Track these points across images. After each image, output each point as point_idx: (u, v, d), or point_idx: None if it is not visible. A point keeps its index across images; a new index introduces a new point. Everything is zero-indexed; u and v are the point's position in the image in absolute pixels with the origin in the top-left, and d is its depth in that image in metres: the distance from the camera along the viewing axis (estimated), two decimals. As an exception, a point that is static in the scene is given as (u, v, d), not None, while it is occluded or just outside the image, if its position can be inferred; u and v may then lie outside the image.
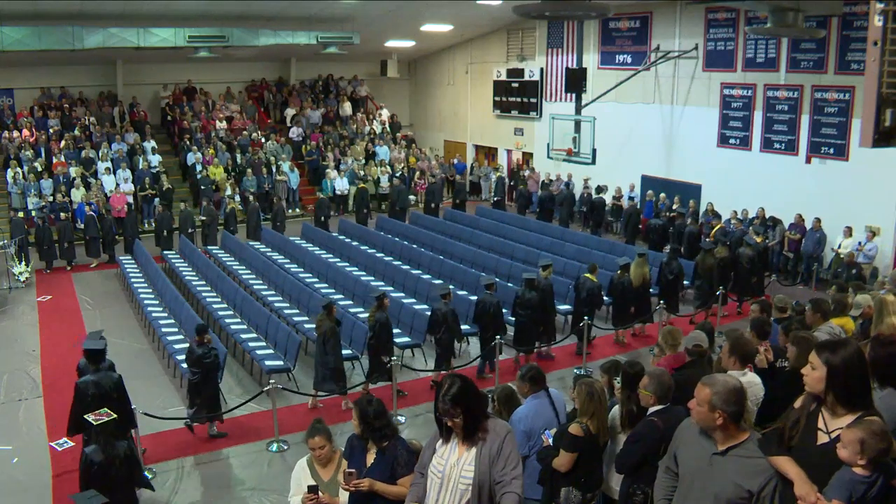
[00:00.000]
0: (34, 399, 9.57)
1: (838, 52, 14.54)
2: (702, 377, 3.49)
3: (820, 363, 3.05)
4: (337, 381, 9.17)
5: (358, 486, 3.95)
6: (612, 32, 19.40)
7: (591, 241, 16.54)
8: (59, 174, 18.25)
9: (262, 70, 24.20)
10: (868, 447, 2.75)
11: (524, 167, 22.25)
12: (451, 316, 9.82)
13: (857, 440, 2.77)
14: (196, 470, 7.96)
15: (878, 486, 2.77)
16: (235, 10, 17.53)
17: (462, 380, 3.53)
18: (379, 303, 9.46)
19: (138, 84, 22.28)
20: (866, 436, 2.76)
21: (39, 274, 15.46)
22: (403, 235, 17.32)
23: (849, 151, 14.53)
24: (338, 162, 21.87)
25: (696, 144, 17.63)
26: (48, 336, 11.93)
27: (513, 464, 3.46)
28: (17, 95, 20.88)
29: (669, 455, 3.55)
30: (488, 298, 10.34)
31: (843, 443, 2.85)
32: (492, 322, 10.26)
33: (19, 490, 7.42)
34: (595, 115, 17.18)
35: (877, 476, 2.77)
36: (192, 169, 20.08)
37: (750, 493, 3.10)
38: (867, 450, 2.75)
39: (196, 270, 14.47)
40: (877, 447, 2.74)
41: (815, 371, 3.08)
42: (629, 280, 11.60)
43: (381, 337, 9.38)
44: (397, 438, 4.21)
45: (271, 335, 10.55)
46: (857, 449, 2.77)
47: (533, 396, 5.31)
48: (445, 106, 25.84)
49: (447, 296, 10.05)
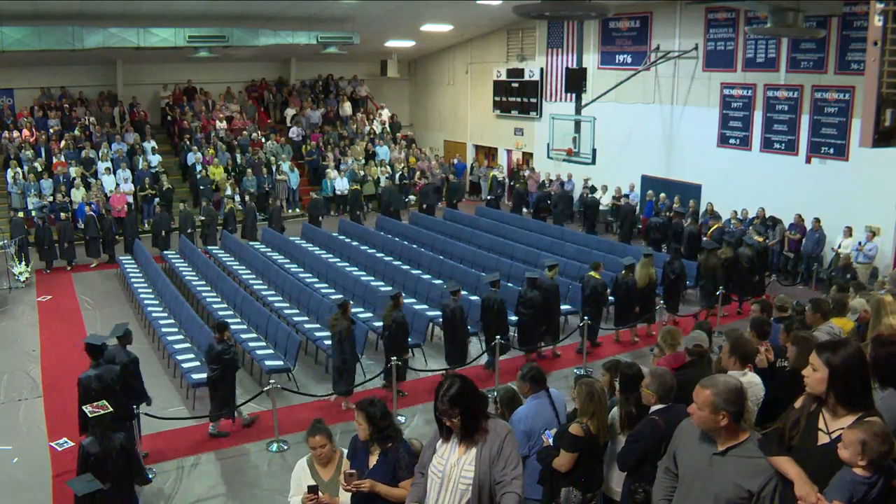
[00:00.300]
0: (34, 399, 9.57)
1: (838, 52, 14.54)
2: (701, 377, 3.49)
3: (821, 364, 3.04)
4: (348, 380, 9.24)
5: (359, 487, 3.95)
6: (612, 32, 19.40)
7: (591, 241, 16.54)
8: (59, 174, 18.24)
9: (262, 70, 24.20)
10: (869, 448, 2.75)
11: (524, 167, 22.25)
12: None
13: (858, 441, 2.77)
14: (196, 470, 7.96)
15: (879, 487, 2.77)
16: (235, 10, 17.53)
17: (462, 380, 3.52)
18: (395, 302, 9.62)
19: (138, 84, 22.28)
20: (868, 437, 2.75)
21: (39, 274, 15.46)
22: (403, 235, 17.33)
23: (849, 151, 14.54)
24: (338, 162, 21.87)
25: (696, 144, 17.63)
26: (48, 336, 11.93)
27: (513, 464, 3.46)
28: (17, 95, 20.87)
29: (669, 455, 3.54)
30: (492, 296, 10.42)
31: (844, 443, 2.84)
32: (495, 319, 10.32)
33: (19, 490, 7.42)
34: (595, 115, 17.18)
35: (877, 477, 2.77)
36: (192, 169, 20.08)
37: (750, 493, 3.09)
38: (868, 451, 2.75)
39: (196, 270, 14.46)
40: (878, 449, 2.74)
41: (817, 372, 3.07)
42: (633, 280, 11.58)
43: (397, 336, 9.49)
44: (400, 441, 4.20)
45: (271, 335, 10.55)
46: (858, 450, 2.77)
47: (533, 396, 5.32)
48: (445, 106, 25.84)
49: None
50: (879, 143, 5.52)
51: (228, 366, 8.45)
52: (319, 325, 11.24)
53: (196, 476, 7.84)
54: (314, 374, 10.51)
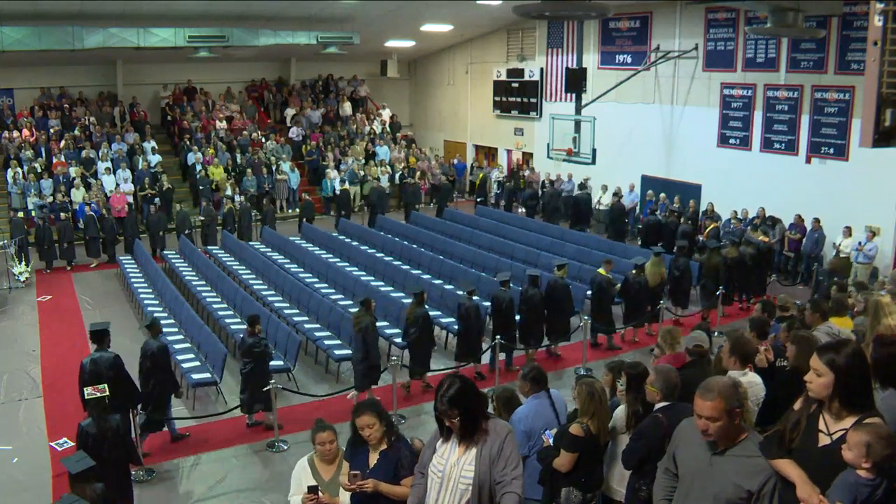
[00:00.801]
0: (34, 399, 9.57)
1: (838, 52, 14.54)
2: (701, 377, 3.47)
3: (825, 368, 3.00)
4: (373, 376, 9.37)
5: (362, 487, 3.94)
6: (612, 32, 19.40)
7: (591, 240, 16.54)
8: (59, 174, 18.25)
9: (262, 70, 24.20)
10: (874, 451, 2.74)
11: (524, 167, 22.26)
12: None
13: (863, 443, 2.76)
14: (196, 470, 7.96)
15: (883, 489, 2.76)
16: (235, 10, 17.53)
17: (461, 381, 3.52)
18: (418, 299, 9.81)
19: (138, 84, 22.28)
20: (872, 439, 2.74)
21: (39, 274, 15.46)
22: (403, 235, 17.33)
23: (849, 151, 14.54)
24: (338, 162, 21.87)
25: (696, 144, 17.63)
26: (48, 336, 11.93)
27: (513, 464, 3.46)
28: (17, 95, 20.88)
29: (668, 456, 3.54)
30: (502, 294, 10.51)
31: (848, 445, 2.83)
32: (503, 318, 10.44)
33: (19, 490, 7.42)
34: (595, 115, 17.19)
35: (881, 480, 2.76)
36: (192, 169, 20.08)
37: (750, 492, 3.09)
38: (873, 454, 2.74)
39: (196, 270, 14.46)
40: (882, 452, 2.73)
41: (822, 377, 3.02)
42: (645, 280, 11.65)
43: (424, 330, 9.70)
44: (400, 439, 4.20)
45: (271, 335, 10.53)
46: (862, 452, 2.76)
47: (534, 396, 5.31)
48: (445, 106, 25.84)
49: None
50: (879, 143, 5.51)
51: (259, 358, 8.62)
52: (319, 325, 11.25)
53: (196, 476, 7.84)
54: (314, 374, 10.51)
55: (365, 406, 4.15)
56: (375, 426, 4.04)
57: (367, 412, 4.07)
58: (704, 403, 3.12)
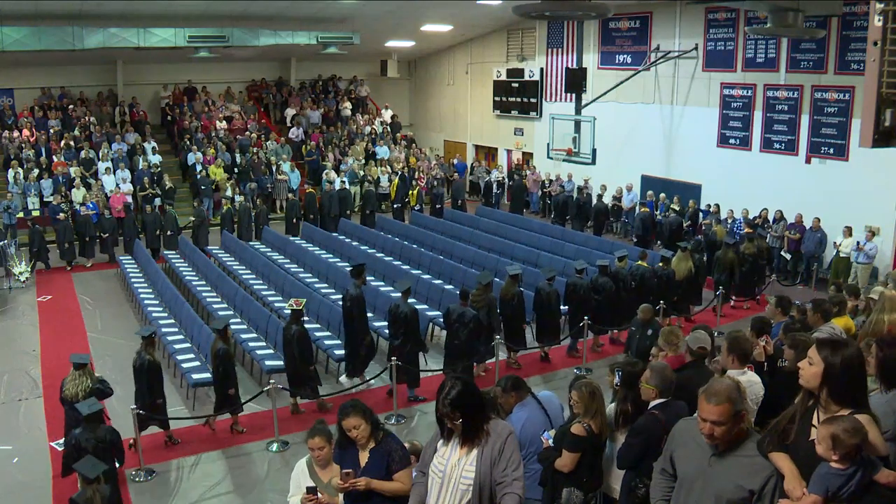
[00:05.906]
0: (34, 399, 9.58)
1: (838, 52, 14.55)
2: (701, 378, 3.46)
3: (819, 359, 3.05)
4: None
5: (355, 486, 3.95)
6: (612, 32, 19.40)
7: (592, 240, 16.53)
8: (59, 174, 18.25)
9: (262, 70, 24.20)
10: (840, 442, 2.81)
11: (524, 167, 22.25)
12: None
13: (828, 436, 2.84)
14: (196, 470, 7.96)
15: (857, 479, 2.82)
16: (235, 10, 17.54)
17: (463, 383, 3.52)
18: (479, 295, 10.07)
19: (138, 84, 22.29)
20: (838, 431, 2.82)
21: (39, 274, 15.46)
22: (403, 235, 17.32)
23: (849, 151, 14.54)
24: (338, 162, 21.86)
25: (695, 144, 17.64)
26: (48, 336, 11.92)
27: (514, 465, 3.46)
28: (17, 95, 20.88)
29: (665, 457, 3.51)
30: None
31: (817, 439, 2.91)
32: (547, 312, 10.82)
33: (19, 490, 7.42)
34: (595, 115, 17.19)
35: (854, 469, 2.82)
36: (192, 169, 20.08)
37: (751, 492, 3.08)
38: (840, 445, 2.81)
39: (196, 270, 14.46)
40: (848, 442, 2.80)
41: (813, 367, 3.08)
42: (672, 271, 12.11)
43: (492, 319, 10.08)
44: (389, 435, 4.20)
45: (271, 335, 10.54)
46: (829, 444, 2.84)
47: (520, 406, 5.01)
48: (445, 106, 25.84)
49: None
50: (879, 143, 5.51)
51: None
52: (320, 325, 11.25)
53: (196, 476, 7.84)
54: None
55: (350, 408, 4.16)
56: (362, 426, 4.08)
57: (352, 414, 4.10)
58: (711, 407, 3.06)
